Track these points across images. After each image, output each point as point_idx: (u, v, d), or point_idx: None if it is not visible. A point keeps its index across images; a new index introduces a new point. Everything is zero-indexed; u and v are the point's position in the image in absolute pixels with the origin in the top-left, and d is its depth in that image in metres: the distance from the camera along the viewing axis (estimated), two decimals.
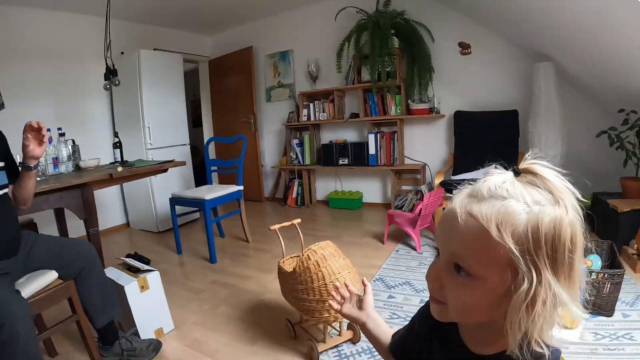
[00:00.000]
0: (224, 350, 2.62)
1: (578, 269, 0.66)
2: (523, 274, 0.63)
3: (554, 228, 0.64)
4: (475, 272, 0.67)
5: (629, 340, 2.35)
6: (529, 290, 0.63)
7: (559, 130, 4.27)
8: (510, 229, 0.63)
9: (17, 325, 1.70)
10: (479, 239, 0.65)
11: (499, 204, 0.66)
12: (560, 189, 0.68)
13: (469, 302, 0.69)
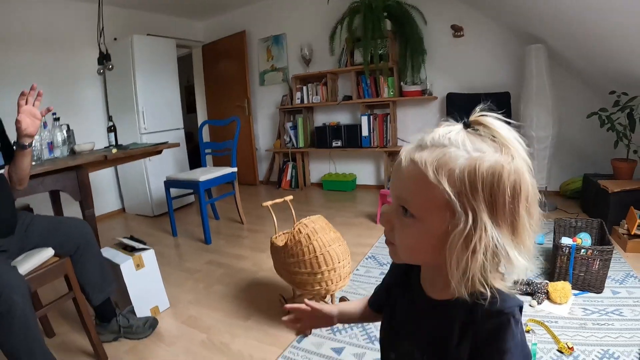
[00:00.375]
0: (218, 326, 2.67)
1: (524, 218, 0.70)
2: (459, 215, 0.67)
3: (492, 174, 0.67)
4: (417, 213, 0.72)
5: (618, 316, 2.39)
6: (464, 231, 0.67)
7: (550, 112, 4.30)
8: (446, 172, 0.68)
9: (14, 296, 1.73)
10: (418, 183, 0.70)
11: (439, 151, 0.70)
12: (507, 139, 0.71)
13: (412, 241, 0.75)
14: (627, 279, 2.83)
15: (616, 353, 2.06)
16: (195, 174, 4.41)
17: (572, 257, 2.69)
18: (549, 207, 4.50)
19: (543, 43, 4.35)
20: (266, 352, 2.32)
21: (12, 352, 1.76)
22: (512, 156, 0.69)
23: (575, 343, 2.15)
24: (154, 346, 2.51)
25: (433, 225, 0.71)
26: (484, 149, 0.70)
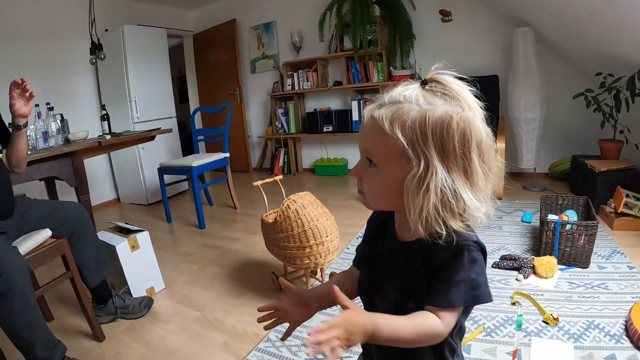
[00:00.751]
0: (212, 304, 2.75)
1: (476, 162, 0.78)
2: (413, 160, 0.76)
3: (441, 123, 0.75)
4: (379, 162, 0.82)
5: (603, 289, 2.45)
6: (418, 174, 0.76)
7: (537, 94, 4.36)
8: (400, 124, 0.76)
9: (15, 274, 1.79)
10: (377, 135, 0.79)
11: (395, 107, 0.79)
12: (459, 92, 0.78)
13: (377, 187, 0.85)
14: (614, 255, 2.89)
15: (601, 324, 2.11)
16: (188, 160, 4.47)
17: (557, 233, 2.76)
18: (538, 188, 4.57)
19: (530, 26, 4.40)
20: (259, 327, 2.34)
21: (13, 329, 1.82)
22: (462, 108, 0.77)
23: (561, 315, 2.20)
24: (150, 325, 2.57)
25: (392, 171, 0.80)
26: (436, 103, 0.77)
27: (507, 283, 2.63)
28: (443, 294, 0.79)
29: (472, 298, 0.79)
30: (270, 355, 2.12)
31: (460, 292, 0.78)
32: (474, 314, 2.32)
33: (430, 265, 0.83)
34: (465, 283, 0.79)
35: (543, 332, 2.10)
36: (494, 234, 3.45)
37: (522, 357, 1.92)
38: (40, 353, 1.89)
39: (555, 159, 5.03)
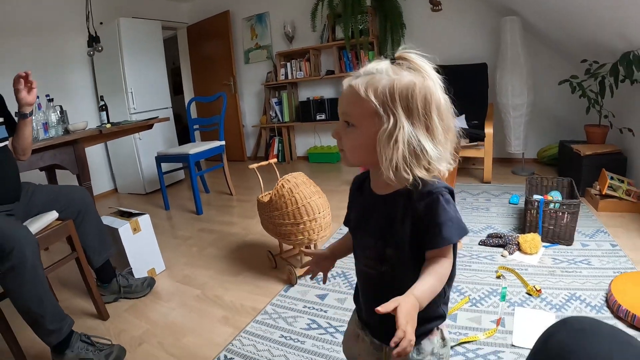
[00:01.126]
0: (211, 283, 2.87)
1: (436, 120, 0.93)
2: (384, 118, 0.92)
3: (406, 88, 0.91)
4: (356, 122, 0.97)
5: (586, 265, 2.56)
6: (388, 129, 0.91)
7: (524, 81, 4.46)
8: (373, 90, 0.92)
9: (26, 250, 1.89)
10: (354, 100, 0.95)
11: (369, 77, 0.95)
12: (422, 66, 0.95)
13: (355, 143, 0.99)
14: (597, 234, 3.00)
15: (583, 296, 2.22)
16: (185, 148, 4.56)
17: (540, 211, 2.87)
18: (527, 172, 4.68)
19: (517, 15, 4.49)
20: (256, 302, 2.52)
21: (23, 303, 1.91)
22: (424, 78, 0.94)
23: (544, 287, 2.32)
24: (152, 303, 2.69)
25: (368, 129, 0.95)
26: (402, 74, 0.94)
27: (492, 259, 2.74)
28: (439, 236, 0.94)
29: (462, 230, 0.96)
30: (268, 326, 2.25)
31: (451, 229, 0.94)
32: (460, 285, 2.44)
33: (412, 215, 0.98)
34: (451, 221, 0.95)
35: (526, 302, 2.21)
36: (482, 215, 3.56)
37: (506, 325, 2.03)
38: (49, 325, 1.97)
39: (544, 145, 5.14)
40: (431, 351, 1.10)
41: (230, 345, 2.11)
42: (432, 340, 1.10)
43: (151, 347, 2.21)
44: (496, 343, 1.90)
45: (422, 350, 1.10)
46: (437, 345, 1.11)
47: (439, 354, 1.11)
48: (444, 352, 1.13)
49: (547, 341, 0.89)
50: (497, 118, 4.82)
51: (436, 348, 1.10)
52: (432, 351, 1.10)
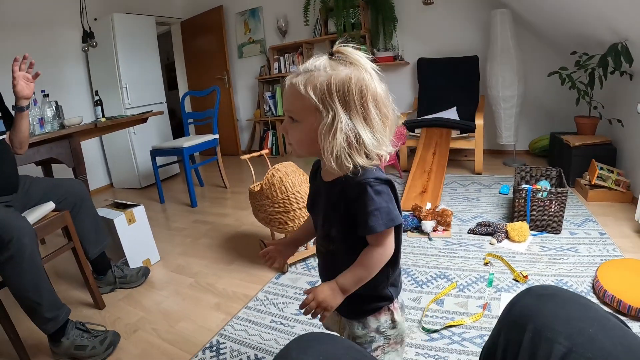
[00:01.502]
0: (205, 271, 2.93)
1: (372, 111, 1.01)
2: (324, 113, 1.00)
3: (343, 83, 0.98)
4: (298, 117, 1.05)
5: (573, 252, 2.61)
6: (327, 122, 0.99)
7: (515, 73, 4.50)
8: (312, 87, 0.99)
9: (24, 239, 1.93)
10: (295, 97, 1.03)
11: (308, 74, 1.01)
12: (357, 59, 1.01)
13: (299, 137, 1.08)
14: (586, 223, 3.05)
15: (569, 282, 2.27)
16: (179, 142, 4.61)
17: (528, 199, 2.93)
18: (518, 164, 4.73)
19: (508, 7, 4.53)
20: (248, 289, 2.58)
21: (21, 291, 1.95)
22: (359, 71, 1.00)
23: (531, 274, 2.37)
24: (146, 292, 2.74)
25: (310, 123, 1.03)
26: (339, 69, 1.00)
27: (481, 247, 2.80)
28: (365, 224, 1.03)
29: (390, 221, 1.04)
30: (259, 312, 2.30)
31: (377, 219, 1.02)
32: (448, 272, 2.50)
33: (344, 200, 1.08)
34: (379, 211, 1.02)
35: (513, 288, 2.26)
36: (472, 204, 3.62)
37: (492, 310, 2.08)
38: (46, 314, 2.01)
39: (535, 136, 5.18)
40: (376, 329, 1.22)
41: (222, 331, 2.16)
42: (379, 319, 1.22)
43: (145, 333, 2.26)
44: (482, 327, 1.95)
45: (367, 325, 1.22)
46: (385, 325, 1.23)
47: (386, 334, 1.24)
48: (393, 333, 1.25)
49: (511, 308, 0.95)
50: (488, 110, 4.88)
51: (382, 327, 1.22)
52: (378, 329, 1.22)
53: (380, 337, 1.23)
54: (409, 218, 3.15)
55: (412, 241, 3.00)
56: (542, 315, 0.85)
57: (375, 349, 1.23)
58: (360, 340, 1.23)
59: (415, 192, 3.76)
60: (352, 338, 1.24)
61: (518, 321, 0.89)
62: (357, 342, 1.23)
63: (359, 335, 1.23)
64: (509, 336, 0.90)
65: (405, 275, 2.52)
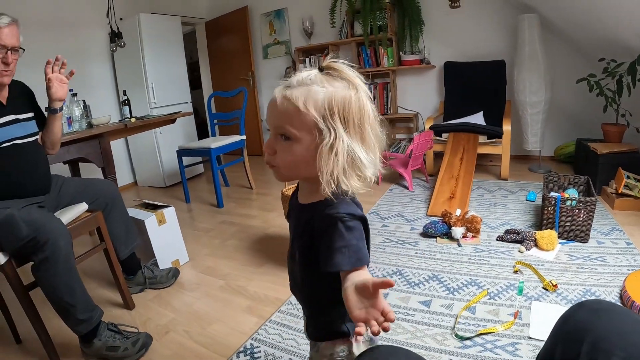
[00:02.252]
0: (235, 273, 2.95)
1: (368, 130, 0.98)
2: (325, 132, 0.93)
3: (343, 102, 0.94)
4: (294, 135, 0.96)
5: (601, 262, 2.59)
6: (329, 142, 0.92)
7: (542, 78, 4.46)
8: (312, 103, 0.93)
9: (60, 241, 1.96)
10: (293, 113, 0.94)
11: (305, 88, 0.95)
12: (352, 77, 0.97)
13: (292, 158, 0.99)
14: (613, 232, 3.02)
15: (597, 292, 2.26)
16: (206, 142, 4.66)
17: (557, 208, 2.91)
18: (543, 170, 4.71)
19: (536, 12, 4.49)
20: (279, 292, 2.58)
21: (55, 293, 1.97)
22: (356, 89, 0.96)
23: (560, 283, 2.36)
24: (176, 293, 2.76)
25: (307, 142, 0.96)
26: (336, 86, 0.95)
27: (510, 254, 2.79)
28: (329, 260, 0.93)
29: (357, 261, 0.92)
30: (292, 315, 2.31)
31: (344, 256, 0.92)
32: (479, 279, 2.50)
33: (309, 232, 1.03)
34: (347, 248, 0.93)
35: (542, 297, 2.26)
36: (499, 211, 3.60)
37: (523, 318, 2.08)
38: (80, 315, 2.03)
39: (561, 142, 5.14)
40: (329, 355, 1.15)
41: (256, 334, 2.17)
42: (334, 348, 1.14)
43: (177, 335, 2.27)
44: (513, 335, 1.95)
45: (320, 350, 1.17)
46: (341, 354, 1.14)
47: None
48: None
49: (565, 322, 0.97)
50: (514, 115, 4.86)
51: (337, 355, 1.14)
52: (332, 356, 1.14)
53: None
54: (438, 224, 3.15)
55: (442, 247, 3.00)
56: (597, 329, 0.87)
57: None
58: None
59: (444, 198, 3.76)
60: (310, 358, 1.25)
61: (574, 334, 0.91)
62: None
63: (311, 357, 1.24)
64: (566, 348, 0.92)
65: (437, 282, 2.52)
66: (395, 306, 2.30)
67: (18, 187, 2.21)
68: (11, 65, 2.17)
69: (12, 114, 2.24)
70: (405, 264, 2.79)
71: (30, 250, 1.95)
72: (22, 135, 2.27)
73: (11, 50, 2.15)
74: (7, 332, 2.36)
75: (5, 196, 2.15)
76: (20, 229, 1.93)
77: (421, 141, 4.29)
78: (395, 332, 2.05)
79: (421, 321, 2.14)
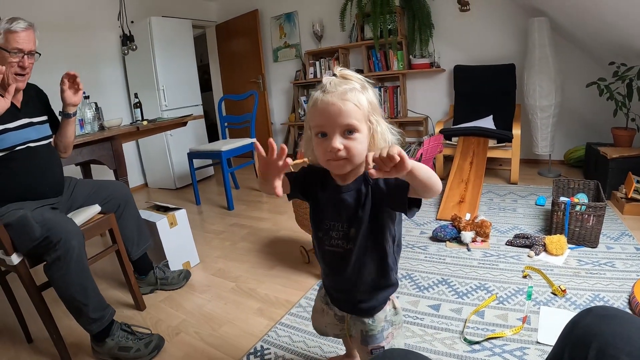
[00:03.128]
0: (246, 276, 2.97)
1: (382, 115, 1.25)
2: (372, 120, 1.20)
3: (373, 98, 1.23)
4: (359, 128, 1.17)
5: (610, 267, 2.59)
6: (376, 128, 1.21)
7: (552, 82, 4.44)
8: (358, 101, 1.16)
9: (72, 240, 2.00)
10: (353, 111, 1.15)
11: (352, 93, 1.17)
12: (362, 80, 1.23)
13: (361, 147, 1.19)
14: (622, 237, 3.01)
15: (606, 297, 2.26)
16: (217, 145, 4.69)
17: (567, 213, 2.91)
18: (553, 174, 4.71)
19: (546, 15, 4.48)
20: (290, 295, 2.61)
21: (68, 292, 2.01)
22: (367, 89, 1.22)
23: (568, 288, 2.36)
24: (187, 295, 2.79)
25: (365, 131, 1.19)
26: (365, 89, 1.21)
27: (519, 259, 2.79)
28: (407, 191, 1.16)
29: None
30: (302, 318, 2.33)
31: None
32: (488, 284, 2.51)
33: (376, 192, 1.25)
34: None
35: (551, 302, 2.26)
36: (509, 215, 3.60)
37: (532, 323, 2.08)
38: (92, 314, 2.06)
39: (570, 146, 5.14)
40: (384, 318, 1.38)
41: (266, 336, 2.19)
42: (385, 309, 1.39)
43: (188, 337, 2.30)
44: (522, 340, 1.96)
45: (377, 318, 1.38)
46: (390, 313, 1.40)
47: (392, 321, 1.40)
48: (397, 319, 1.42)
49: (574, 327, 0.99)
50: (524, 119, 4.86)
51: (388, 316, 1.39)
52: (386, 318, 1.39)
53: (388, 325, 1.39)
54: (447, 228, 3.17)
55: (452, 251, 3.00)
56: (604, 334, 0.89)
57: (387, 336, 1.39)
58: (373, 332, 1.38)
59: (453, 202, 3.76)
60: (365, 332, 1.39)
61: (582, 339, 0.93)
62: (370, 334, 1.38)
63: (372, 328, 1.38)
64: (573, 354, 0.94)
65: (446, 286, 2.53)
66: (404, 310, 2.31)
67: (32, 189, 2.25)
68: (27, 69, 2.22)
69: (27, 117, 2.28)
70: (415, 268, 2.81)
71: (43, 250, 1.99)
72: (36, 138, 2.31)
73: (27, 55, 2.19)
74: (18, 331, 2.40)
75: (19, 198, 2.19)
76: (33, 230, 1.98)
77: (431, 145, 4.29)
78: (405, 335, 2.07)
79: (430, 325, 2.15)
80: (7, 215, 2.05)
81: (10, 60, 2.12)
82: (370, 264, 1.32)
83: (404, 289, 2.54)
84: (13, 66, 2.13)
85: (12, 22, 2.13)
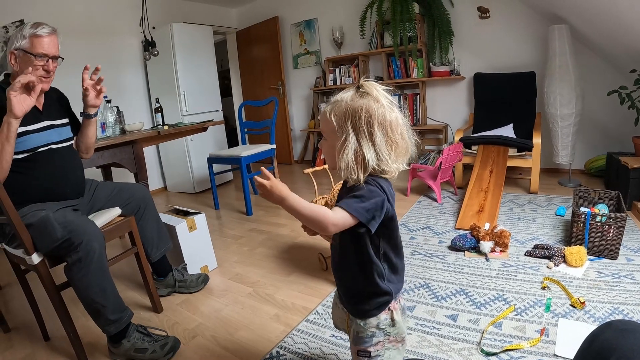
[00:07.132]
0: (263, 281, 2.98)
1: (379, 137, 1.20)
2: (339, 134, 1.23)
3: (354, 112, 1.20)
4: (326, 136, 1.31)
5: (630, 280, 2.55)
6: (342, 141, 1.22)
7: (573, 90, 4.39)
8: (334, 113, 1.24)
9: (94, 242, 2.03)
10: (324, 121, 1.29)
11: (335, 104, 1.26)
12: (374, 94, 1.22)
13: (327, 151, 1.32)
14: None
15: (625, 310, 2.23)
16: (237, 151, 4.72)
17: (587, 224, 2.88)
18: (573, 184, 4.67)
19: (566, 23, 4.45)
20: (307, 302, 2.61)
21: (88, 293, 2.04)
22: (373, 102, 1.21)
23: (588, 300, 2.34)
24: (204, 298, 2.81)
25: (332, 141, 1.27)
26: (356, 100, 1.22)
27: (538, 270, 2.76)
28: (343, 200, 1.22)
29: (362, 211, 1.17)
30: (319, 325, 2.33)
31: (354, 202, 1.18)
32: (506, 295, 2.48)
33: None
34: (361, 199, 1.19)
35: (570, 314, 2.23)
36: (528, 225, 3.57)
37: (550, 335, 2.06)
38: (110, 315, 2.10)
39: (591, 156, 5.09)
40: (376, 325, 1.36)
41: (282, 342, 2.20)
42: (379, 317, 1.36)
43: (205, 340, 2.31)
44: (539, 352, 1.94)
45: (368, 322, 1.37)
46: (385, 322, 1.37)
47: (385, 330, 1.37)
48: (392, 331, 1.38)
49: (593, 340, 0.99)
50: (544, 128, 4.82)
51: (382, 324, 1.36)
52: (378, 325, 1.36)
53: (380, 333, 1.37)
54: (466, 238, 3.15)
55: (470, 261, 2.99)
56: (622, 348, 0.89)
57: (375, 343, 1.37)
58: (362, 335, 1.37)
59: (472, 211, 3.74)
60: (356, 332, 1.40)
61: (601, 354, 0.93)
62: (359, 335, 1.38)
63: (362, 330, 1.37)
64: None
65: (464, 296, 2.52)
66: (421, 319, 2.31)
67: (53, 191, 2.28)
68: (51, 72, 2.26)
69: (48, 119, 2.32)
70: (433, 277, 2.79)
71: (64, 251, 2.03)
72: (58, 140, 2.35)
73: (52, 59, 2.23)
74: (36, 329, 2.45)
75: (40, 199, 2.22)
76: (55, 231, 2.01)
77: (451, 153, 4.28)
78: (421, 345, 2.06)
79: (447, 335, 2.14)
80: (29, 216, 2.08)
81: (36, 64, 2.15)
82: (355, 266, 1.36)
83: (422, 298, 2.53)
84: (38, 69, 2.17)
85: (37, 27, 2.18)
